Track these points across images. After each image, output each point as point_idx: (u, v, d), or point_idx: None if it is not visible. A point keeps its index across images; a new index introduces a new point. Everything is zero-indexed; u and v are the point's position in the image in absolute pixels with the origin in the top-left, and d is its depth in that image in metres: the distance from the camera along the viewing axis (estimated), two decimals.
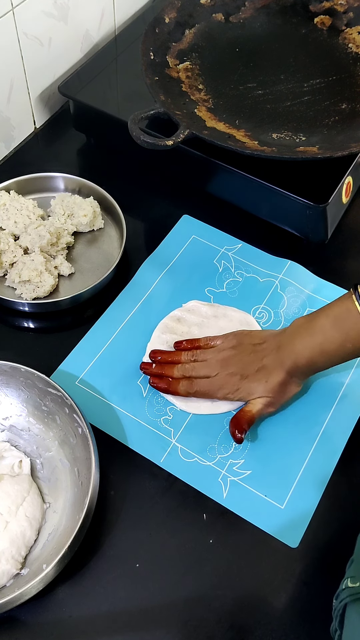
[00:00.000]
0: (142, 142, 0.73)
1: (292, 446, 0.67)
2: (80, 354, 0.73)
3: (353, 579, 0.52)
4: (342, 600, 0.52)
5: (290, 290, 0.79)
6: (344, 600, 0.51)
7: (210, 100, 0.84)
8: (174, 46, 0.88)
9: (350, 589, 0.51)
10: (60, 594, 0.58)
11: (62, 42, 0.92)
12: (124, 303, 0.77)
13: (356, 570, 0.53)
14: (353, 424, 0.68)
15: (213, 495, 0.64)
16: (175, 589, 0.59)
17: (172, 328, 0.75)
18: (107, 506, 0.63)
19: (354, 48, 0.90)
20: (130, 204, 0.84)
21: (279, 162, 0.74)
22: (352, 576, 0.52)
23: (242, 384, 0.66)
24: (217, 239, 0.83)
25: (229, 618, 0.58)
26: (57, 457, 0.65)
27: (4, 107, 0.87)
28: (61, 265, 0.78)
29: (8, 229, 0.80)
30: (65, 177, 0.85)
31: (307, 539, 0.62)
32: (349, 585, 0.52)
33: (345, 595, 0.51)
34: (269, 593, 0.59)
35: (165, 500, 0.64)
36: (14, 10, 0.80)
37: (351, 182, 0.81)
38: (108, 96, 0.87)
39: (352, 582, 0.52)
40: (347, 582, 0.52)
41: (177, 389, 0.68)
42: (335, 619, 0.53)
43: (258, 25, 0.93)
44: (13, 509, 0.59)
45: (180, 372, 0.69)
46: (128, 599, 0.58)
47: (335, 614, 0.53)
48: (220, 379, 0.67)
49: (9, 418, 0.67)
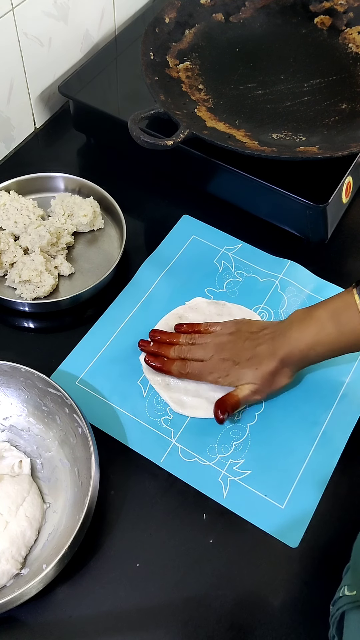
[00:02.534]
0: (142, 142, 0.73)
1: (292, 446, 0.67)
2: (80, 354, 0.73)
3: (350, 587, 0.52)
4: (340, 608, 0.52)
5: (290, 290, 0.79)
6: (341, 608, 0.51)
7: (210, 100, 0.84)
8: (174, 46, 0.88)
9: (347, 597, 0.51)
10: (60, 594, 0.58)
11: (62, 42, 0.92)
12: (124, 303, 0.77)
13: (353, 578, 0.53)
14: (353, 424, 0.68)
15: (213, 495, 0.64)
16: (175, 589, 0.59)
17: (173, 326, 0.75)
18: (107, 506, 0.63)
19: (354, 48, 0.90)
20: (130, 204, 0.84)
21: (279, 162, 0.74)
22: (349, 584, 0.52)
23: (232, 370, 0.67)
24: (217, 239, 0.83)
25: (229, 618, 0.58)
26: (57, 457, 0.65)
27: (4, 107, 0.87)
28: (61, 265, 0.78)
29: (8, 229, 0.80)
30: (65, 177, 0.85)
31: (307, 539, 0.62)
32: (346, 593, 0.52)
33: (342, 603, 0.51)
34: (269, 593, 0.59)
35: (165, 500, 0.64)
36: (14, 10, 0.80)
37: (351, 182, 0.81)
38: (108, 96, 0.87)
39: (349, 590, 0.52)
40: (343, 590, 0.52)
41: (170, 368, 0.70)
42: (332, 625, 0.53)
43: (258, 25, 0.93)
44: (13, 509, 0.59)
45: (176, 353, 0.70)
46: (128, 599, 0.58)
47: (332, 621, 0.53)
48: (213, 363, 0.68)
49: (9, 418, 0.67)
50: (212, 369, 0.68)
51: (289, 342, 0.65)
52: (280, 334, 0.66)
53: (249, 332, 0.68)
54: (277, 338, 0.66)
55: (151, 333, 0.73)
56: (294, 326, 0.65)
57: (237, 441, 0.67)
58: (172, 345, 0.71)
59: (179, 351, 0.70)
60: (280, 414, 0.69)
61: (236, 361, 0.67)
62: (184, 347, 0.70)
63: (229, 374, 0.67)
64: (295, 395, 0.70)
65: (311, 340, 0.63)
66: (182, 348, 0.70)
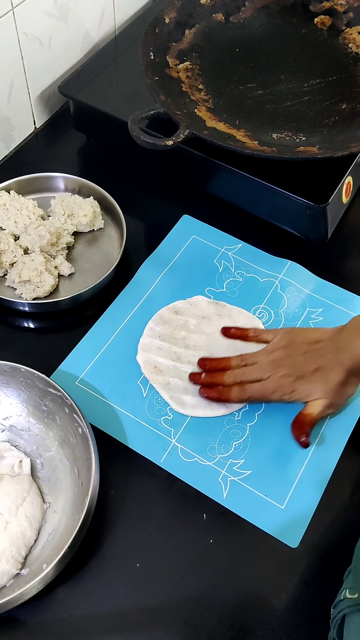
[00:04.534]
0: (142, 142, 0.73)
1: (292, 446, 0.67)
2: (80, 354, 0.73)
3: (352, 590, 0.52)
4: (341, 611, 0.51)
5: (290, 290, 0.79)
6: (342, 611, 0.51)
7: (211, 100, 0.84)
8: (174, 46, 0.88)
9: (349, 600, 0.51)
10: (60, 594, 0.58)
11: (62, 42, 0.92)
12: (124, 303, 0.77)
13: (354, 581, 0.53)
14: (353, 424, 0.68)
15: (213, 495, 0.64)
16: (175, 589, 0.59)
17: (168, 319, 0.75)
18: (107, 506, 0.63)
19: (354, 48, 0.90)
20: (130, 204, 0.84)
21: (279, 162, 0.74)
22: (350, 587, 0.52)
23: (297, 385, 0.65)
24: (217, 239, 0.83)
25: (229, 618, 0.58)
26: (57, 457, 0.65)
27: (4, 107, 0.87)
28: (61, 265, 0.78)
29: (8, 229, 0.80)
30: (65, 177, 0.85)
31: (307, 539, 0.62)
32: (347, 596, 0.52)
33: (344, 606, 0.51)
34: (269, 593, 0.59)
35: (165, 500, 0.64)
36: (14, 10, 0.80)
37: (351, 182, 0.81)
38: (108, 96, 0.87)
39: (351, 593, 0.51)
40: (345, 593, 0.52)
41: (230, 396, 0.67)
42: (333, 628, 0.53)
43: (258, 25, 0.93)
44: (13, 509, 0.59)
45: (231, 378, 0.67)
46: (128, 598, 0.58)
47: (333, 624, 0.53)
48: (273, 382, 0.65)
49: (9, 418, 0.67)
50: (274, 388, 0.65)
51: (355, 352, 0.62)
52: (343, 344, 0.63)
53: (305, 344, 0.66)
54: (341, 348, 0.63)
55: (200, 363, 0.70)
56: (357, 333, 0.63)
57: (237, 441, 0.67)
58: (224, 371, 0.68)
59: (233, 376, 0.67)
60: (280, 414, 0.69)
61: (300, 376, 0.65)
62: (237, 371, 0.67)
63: (295, 390, 0.65)
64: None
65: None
66: (236, 372, 0.67)
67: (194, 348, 0.73)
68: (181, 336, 0.74)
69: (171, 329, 0.74)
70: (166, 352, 0.72)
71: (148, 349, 0.73)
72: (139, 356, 0.72)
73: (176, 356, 0.72)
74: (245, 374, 0.67)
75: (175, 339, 0.73)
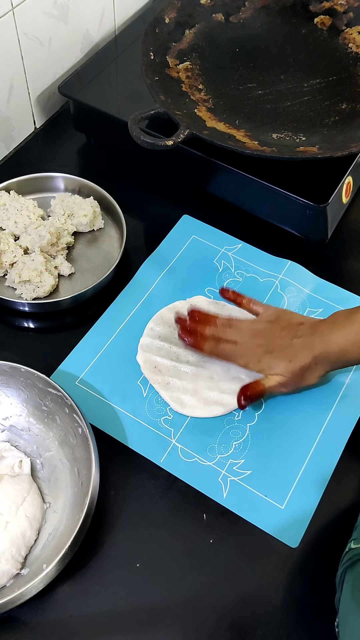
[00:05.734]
0: (142, 142, 0.73)
1: (292, 446, 0.67)
2: (80, 354, 0.73)
3: (356, 540, 0.53)
4: (344, 564, 0.53)
5: (290, 290, 0.79)
6: (344, 565, 0.53)
7: (210, 100, 0.84)
8: (174, 46, 0.88)
9: (352, 551, 0.52)
10: (61, 593, 0.58)
11: (62, 42, 0.92)
12: (124, 303, 0.77)
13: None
14: (353, 424, 0.69)
15: (213, 495, 0.64)
16: (175, 589, 0.59)
17: (168, 319, 0.75)
18: (107, 506, 0.63)
19: (354, 48, 0.90)
20: (130, 204, 0.84)
21: (279, 162, 0.74)
22: (355, 538, 0.54)
23: (265, 357, 0.66)
24: (217, 239, 0.83)
25: (230, 618, 0.58)
26: (57, 457, 0.65)
27: (4, 107, 0.87)
28: (61, 265, 0.78)
29: (8, 229, 0.80)
30: (65, 177, 0.85)
31: (307, 539, 0.62)
32: (352, 547, 0.53)
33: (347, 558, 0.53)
34: (269, 593, 0.59)
35: (165, 500, 0.64)
36: (14, 10, 0.80)
37: (351, 182, 0.81)
38: (108, 96, 0.87)
39: (355, 544, 0.53)
40: (350, 545, 0.53)
41: (203, 346, 0.69)
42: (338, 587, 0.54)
43: (258, 25, 0.93)
44: (13, 509, 0.59)
45: (211, 331, 0.69)
46: (128, 598, 0.58)
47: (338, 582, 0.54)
48: (246, 348, 0.68)
49: (9, 418, 0.67)
50: (244, 353, 0.68)
51: (328, 340, 0.64)
52: (319, 331, 0.65)
53: (288, 323, 0.68)
54: (316, 334, 0.65)
55: (190, 312, 0.72)
56: (335, 325, 0.65)
57: (237, 441, 0.67)
58: (208, 325, 0.70)
59: (214, 330, 0.69)
60: (280, 414, 0.69)
61: (270, 349, 0.67)
62: (219, 328, 0.69)
63: (261, 361, 0.67)
64: (296, 395, 0.70)
65: (352, 340, 0.63)
66: (218, 328, 0.69)
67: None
68: None
69: (171, 329, 0.74)
70: (166, 352, 0.72)
71: (148, 349, 0.73)
72: (139, 356, 0.72)
73: (176, 356, 0.72)
74: (225, 333, 0.69)
75: (175, 339, 0.73)
